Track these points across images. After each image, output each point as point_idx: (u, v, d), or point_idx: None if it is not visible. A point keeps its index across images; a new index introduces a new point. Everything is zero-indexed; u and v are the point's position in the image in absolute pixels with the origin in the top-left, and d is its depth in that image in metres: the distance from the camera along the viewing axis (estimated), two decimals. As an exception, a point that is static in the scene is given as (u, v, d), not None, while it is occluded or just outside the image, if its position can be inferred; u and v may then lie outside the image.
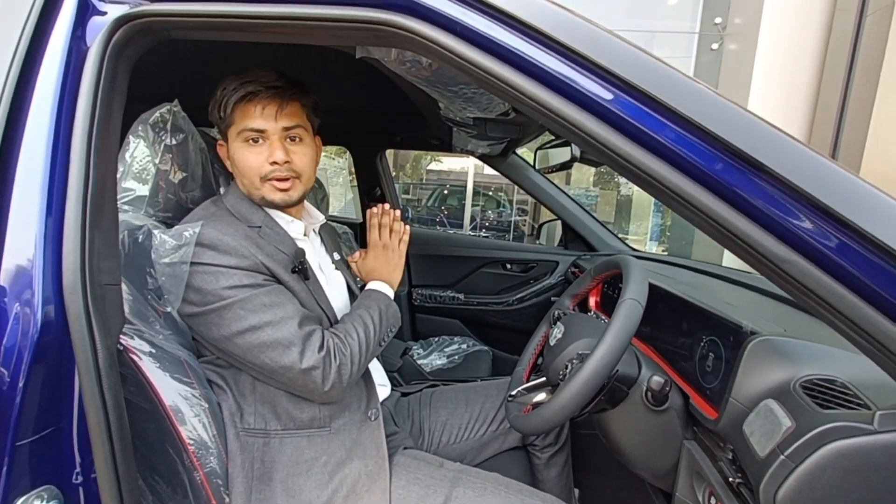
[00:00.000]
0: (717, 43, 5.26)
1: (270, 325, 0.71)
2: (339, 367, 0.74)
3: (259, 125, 0.77)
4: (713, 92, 0.50)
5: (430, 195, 9.16)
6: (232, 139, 0.80)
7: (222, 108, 0.78)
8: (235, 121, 0.78)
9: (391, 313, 0.89)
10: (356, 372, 0.77)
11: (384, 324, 0.86)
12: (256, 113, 0.77)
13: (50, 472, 0.53)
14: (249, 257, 0.73)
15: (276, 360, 0.71)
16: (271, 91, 0.77)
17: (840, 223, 0.44)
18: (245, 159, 0.78)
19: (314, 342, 0.73)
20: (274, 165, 0.78)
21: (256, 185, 0.80)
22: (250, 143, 0.79)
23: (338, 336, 0.78)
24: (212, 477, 0.73)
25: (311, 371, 0.72)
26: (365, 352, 0.79)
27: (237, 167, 0.81)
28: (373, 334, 0.82)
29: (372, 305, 0.86)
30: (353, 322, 0.82)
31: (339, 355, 0.75)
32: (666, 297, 1.00)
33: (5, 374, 0.51)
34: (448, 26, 0.53)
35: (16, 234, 0.53)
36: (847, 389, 0.56)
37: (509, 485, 0.81)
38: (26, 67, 0.57)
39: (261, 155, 0.78)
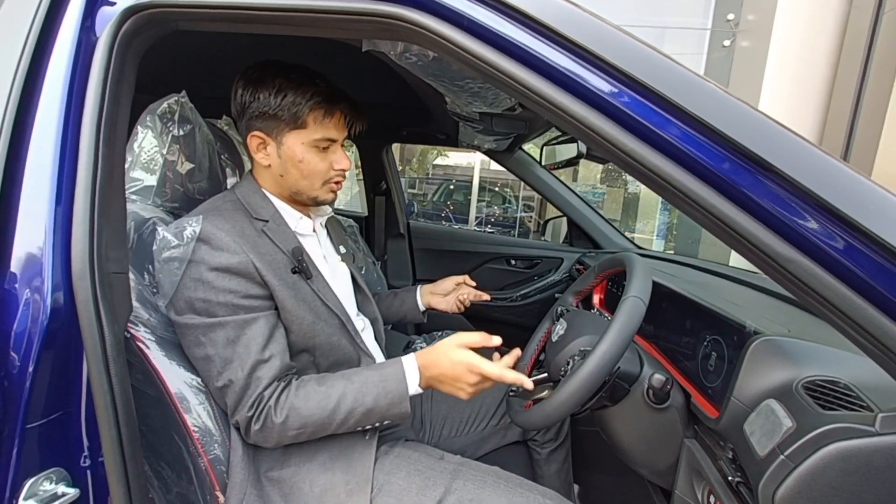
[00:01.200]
0: (729, 40, 5.19)
1: (222, 362, 0.71)
2: (259, 432, 0.72)
3: (335, 135, 0.82)
4: (722, 90, 0.50)
5: (436, 190, 9.15)
6: (296, 141, 0.80)
7: (292, 109, 0.77)
8: (309, 126, 0.79)
9: (392, 415, 0.74)
10: (291, 439, 0.73)
11: (370, 419, 0.74)
12: (336, 124, 0.81)
13: (58, 455, 0.54)
14: (241, 255, 0.73)
15: (218, 396, 0.73)
16: (346, 104, 0.82)
17: (847, 225, 0.44)
18: (314, 164, 0.82)
19: (251, 395, 0.71)
20: (339, 171, 0.84)
21: (316, 187, 0.84)
22: (320, 150, 0.82)
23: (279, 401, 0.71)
24: (216, 464, 0.74)
25: (238, 424, 0.73)
26: (310, 433, 0.73)
27: (299, 169, 0.81)
28: (337, 423, 0.72)
29: (370, 392, 0.73)
30: (327, 396, 0.72)
31: (262, 422, 0.71)
32: (670, 296, 1.00)
33: (15, 358, 0.52)
34: (455, 20, 0.53)
35: (26, 222, 0.54)
36: (849, 391, 0.56)
37: (509, 478, 0.81)
38: (36, 58, 0.57)
39: (326, 161, 0.83)
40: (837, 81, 4.29)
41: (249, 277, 0.74)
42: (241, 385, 0.71)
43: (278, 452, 0.79)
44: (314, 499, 0.76)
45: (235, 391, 0.71)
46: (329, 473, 0.78)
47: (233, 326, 0.72)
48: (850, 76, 4.09)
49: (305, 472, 0.78)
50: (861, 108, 3.95)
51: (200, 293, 0.71)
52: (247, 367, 0.71)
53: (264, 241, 0.79)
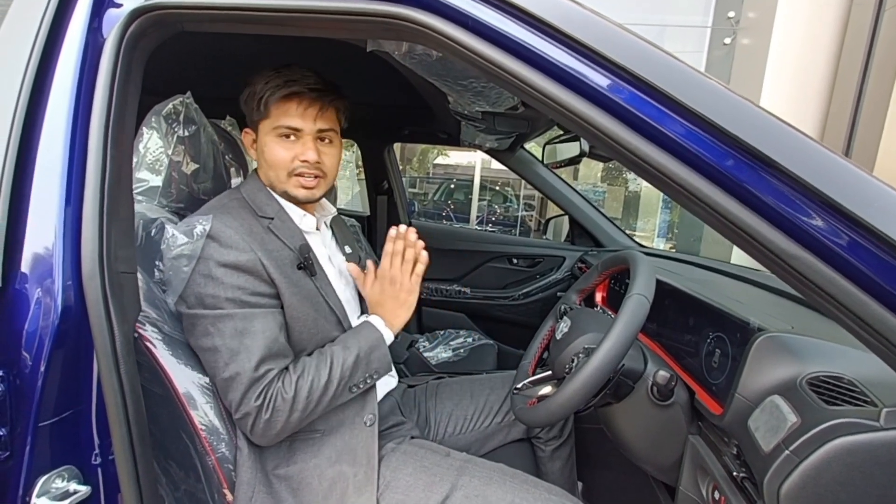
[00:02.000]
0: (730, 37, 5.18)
1: (229, 353, 0.71)
2: (267, 422, 0.72)
3: (297, 124, 0.80)
4: (723, 87, 0.50)
5: (437, 189, 9.15)
6: (264, 132, 0.81)
7: (260, 100, 0.79)
8: (272, 115, 0.80)
9: (375, 358, 0.80)
10: (297, 422, 0.74)
11: (359, 369, 0.78)
12: (296, 112, 0.79)
13: (70, 453, 0.55)
14: (248, 252, 0.74)
15: (222, 390, 0.73)
16: (314, 93, 0.79)
17: (850, 220, 0.44)
18: (275, 153, 0.81)
19: (259, 387, 0.71)
20: (304, 163, 0.81)
21: (282, 179, 0.82)
22: (283, 138, 0.81)
23: (285, 380, 0.73)
24: (223, 462, 0.74)
25: (245, 418, 0.72)
26: (319, 398, 0.74)
27: (265, 159, 0.82)
28: (336, 380, 0.76)
29: (352, 346, 0.79)
30: (319, 361, 0.77)
31: (273, 407, 0.71)
32: (673, 294, 1.00)
33: (27, 357, 0.52)
34: (459, 20, 0.54)
35: (36, 223, 0.55)
36: (854, 386, 0.56)
37: (514, 475, 0.82)
38: (45, 59, 0.58)
39: (291, 151, 0.81)
40: (838, 79, 4.28)
41: (257, 275, 0.74)
42: (248, 377, 0.71)
43: (284, 450, 0.80)
44: (323, 492, 0.77)
45: (243, 383, 0.71)
46: (337, 466, 0.79)
47: (241, 318, 0.73)
48: (851, 74, 4.08)
49: (313, 468, 0.79)
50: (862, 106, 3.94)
51: (210, 289, 0.72)
52: (254, 359, 0.71)
53: (271, 238, 0.80)
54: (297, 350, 0.80)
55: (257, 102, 0.79)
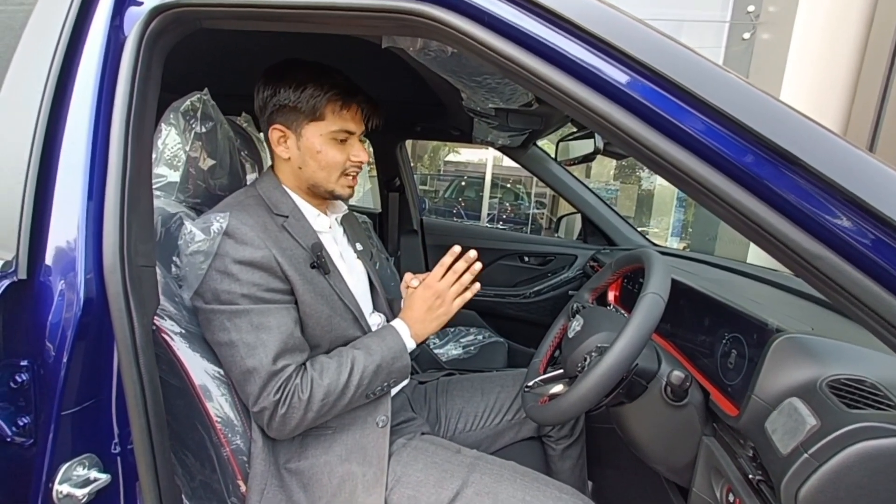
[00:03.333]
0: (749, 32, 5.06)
1: (245, 348, 0.72)
2: (283, 416, 0.72)
3: (352, 127, 0.83)
4: (744, 81, 0.49)
5: (448, 186, 9.14)
6: (314, 133, 0.82)
7: (311, 102, 0.80)
8: (327, 118, 0.81)
9: (396, 369, 0.81)
10: (312, 420, 0.75)
11: (379, 377, 0.79)
12: (352, 117, 0.83)
13: (90, 441, 0.56)
14: (263, 249, 0.75)
15: (239, 384, 0.74)
16: (365, 98, 0.84)
17: (876, 218, 0.43)
18: (332, 156, 0.83)
19: (277, 382, 0.72)
20: (356, 164, 0.85)
21: (332, 179, 0.85)
22: (338, 142, 0.83)
23: (303, 378, 0.74)
24: (238, 454, 0.76)
25: (261, 413, 0.73)
26: (335, 401, 0.75)
27: (316, 161, 0.83)
28: (354, 386, 0.76)
29: (375, 352, 0.80)
30: (340, 363, 0.77)
31: (289, 403, 0.72)
32: (688, 293, 0.99)
33: (51, 348, 0.54)
34: (476, 16, 0.53)
35: (60, 216, 0.56)
36: (877, 390, 0.54)
37: (525, 473, 0.82)
38: (68, 57, 0.59)
39: (344, 153, 0.84)
40: (863, 74, 4.15)
41: (271, 272, 0.75)
42: (266, 372, 0.72)
43: (296, 445, 0.81)
44: (333, 489, 0.78)
45: (261, 377, 0.72)
46: (346, 464, 0.79)
47: (257, 314, 0.74)
48: (876, 68, 3.95)
49: (323, 464, 0.79)
50: (887, 103, 3.82)
51: (226, 285, 0.73)
52: (271, 353, 0.72)
53: (285, 236, 0.80)
54: (312, 346, 0.81)
55: (311, 105, 0.80)
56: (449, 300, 0.85)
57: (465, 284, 0.86)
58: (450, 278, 0.85)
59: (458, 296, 0.86)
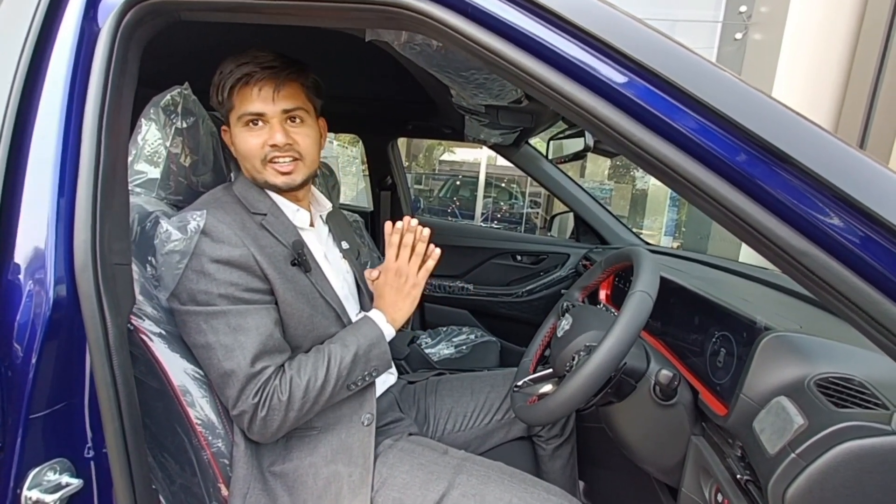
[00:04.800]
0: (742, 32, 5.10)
1: (223, 350, 0.70)
2: (264, 418, 0.71)
3: (257, 108, 0.76)
4: (736, 79, 0.48)
5: (442, 186, 9.14)
6: (233, 124, 0.79)
7: (221, 91, 0.77)
8: (235, 105, 0.77)
9: (374, 356, 0.79)
10: (294, 420, 0.73)
11: (357, 367, 0.77)
12: (254, 95, 0.75)
13: (62, 446, 0.54)
14: (241, 248, 0.72)
15: (218, 387, 0.72)
16: (267, 72, 0.75)
17: (864, 215, 0.42)
18: (245, 143, 0.78)
19: (256, 384, 0.70)
20: (274, 148, 0.77)
21: (258, 169, 0.80)
22: (250, 126, 0.77)
23: (282, 379, 0.72)
24: (219, 457, 0.74)
25: (241, 416, 0.71)
26: (315, 397, 0.73)
27: (239, 151, 0.81)
28: (334, 378, 0.74)
29: (350, 343, 0.78)
30: (317, 358, 0.75)
31: (269, 405, 0.70)
32: (677, 291, 0.98)
33: (19, 349, 0.52)
34: (458, 8, 0.52)
35: (29, 213, 0.54)
36: (864, 389, 0.54)
37: (513, 474, 0.81)
38: (38, 49, 0.57)
39: (260, 137, 0.77)
40: (853, 74, 4.19)
41: (250, 270, 0.73)
42: (244, 374, 0.70)
43: (280, 447, 0.80)
44: (318, 492, 0.77)
45: (239, 380, 0.70)
46: (332, 465, 0.78)
47: (234, 315, 0.71)
48: (866, 68, 3.99)
49: (308, 466, 0.78)
50: (877, 102, 3.86)
51: (202, 285, 0.71)
52: (249, 356, 0.71)
53: (264, 234, 0.78)
54: (294, 346, 0.79)
55: (219, 94, 0.77)
56: (413, 275, 0.84)
57: (421, 255, 0.84)
58: (404, 254, 0.83)
59: (421, 267, 0.84)
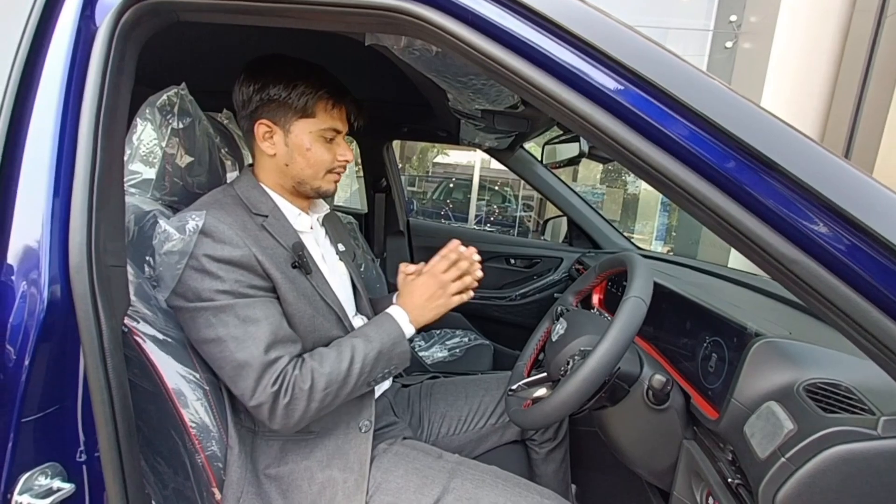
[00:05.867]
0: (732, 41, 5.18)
1: (234, 342, 0.70)
2: (287, 406, 0.70)
3: (339, 126, 0.84)
4: (727, 88, 0.49)
5: (436, 188, 9.14)
6: (303, 131, 0.81)
7: (303, 99, 0.79)
8: (318, 116, 0.81)
9: (396, 354, 0.80)
10: (316, 411, 0.72)
11: (379, 364, 0.78)
12: (340, 116, 0.84)
13: (54, 450, 0.54)
14: (243, 248, 0.73)
15: (232, 380, 0.71)
16: (347, 97, 0.84)
17: (852, 225, 0.44)
18: (321, 154, 0.83)
19: (272, 373, 0.70)
20: (342, 163, 0.86)
21: (319, 177, 0.85)
22: (326, 140, 0.83)
23: (303, 368, 0.72)
24: (213, 460, 0.73)
25: (259, 407, 0.70)
26: (337, 391, 0.73)
27: (305, 158, 0.82)
28: (356, 374, 0.75)
29: (374, 339, 0.79)
30: (340, 352, 0.76)
31: (291, 393, 0.70)
32: (670, 297, 1.00)
33: (11, 351, 0.51)
34: (459, 15, 0.53)
35: (23, 213, 0.54)
36: (851, 394, 0.55)
37: (507, 478, 0.81)
38: (35, 48, 0.56)
39: (332, 151, 0.84)
40: (839, 84, 4.29)
41: (252, 270, 0.74)
42: (259, 364, 0.70)
43: (276, 450, 0.79)
44: (312, 497, 0.76)
45: (255, 370, 0.69)
46: (328, 471, 0.78)
47: (242, 307, 0.72)
48: (851, 79, 4.09)
49: (303, 470, 0.78)
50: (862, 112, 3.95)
51: (206, 283, 0.71)
52: (262, 345, 0.70)
53: (265, 236, 0.78)
54: None
55: (302, 102, 0.79)
56: (449, 293, 0.85)
57: (466, 284, 0.86)
58: (453, 273, 0.85)
59: (458, 293, 0.86)
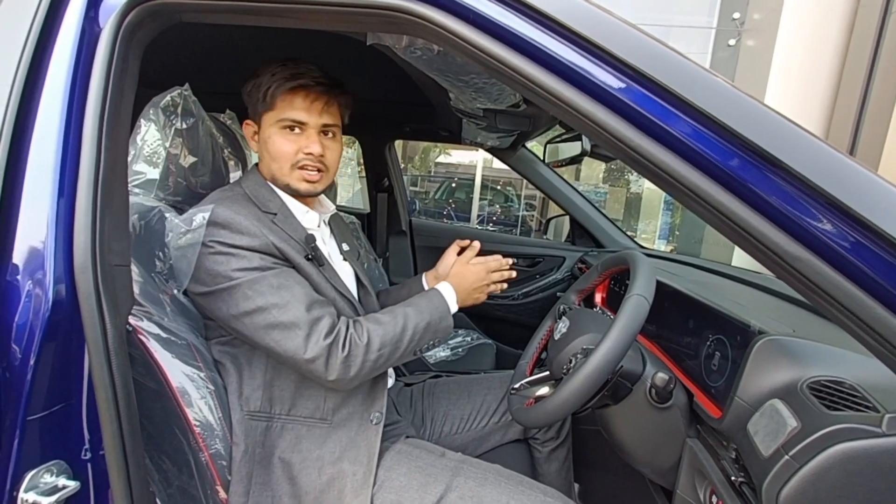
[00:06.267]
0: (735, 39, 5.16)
1: (277, 308, 0.71)
2: (346, 359, 0.72)
3: (302, 117, 0.80)
4: (730, 85, 0.49)
5: (438, 188, 9.14)
6: (268, 123, 0.81)
7: (266, 91, 0.79)
8: (277, 107, 0.80)
9: (442, 328, 0.83)
10: (370, 369, 0.74)
11: (427, 335, 0.81)
12: (302, 105, 0.80)
13: (59, 448, 0.54)
14: (261, 237, 0.74)
15: (281, 343, 0.71)
16: (321, 87, 0.80)
17: (856, 222, 0.43)
18: (279, 145, 0.81)
19: (321, 328, 0.72)
20: (308, 156, 0.81)
21: (285, 172, 0.83)
22: (287, 130, 0.81)
23: (357, 327, 0.75)
24: (217, 458, 0.74)
25: (315, 360, 0.71)
26: (389, 353, 0.76)
27: (268, 151, 0.82)
28: (407, 340, 0.78)
29: (425, 310, 0.82)
30: (394, 317, 0.79)
31: (349, 346, 0.72)
32: (673, 295, 1.00)
33: (17, 350, 0.52)
34: (460, 13, 0.53)
35: (28, 214, 0.54)
36: (855, 391, 0.55)
37: (510, 476, 0.81)
38: (39, 49, 0.57)
39: (295, 143, 0.81)
40: (843, 81, 4.26)
41: (272, 255, 0.75)
42: (305, 321, 0.71)
43: (291, 436, 0.80)
44: (321, 487, 0.77)
45: (302, 328, 0.71)
46: (339, 464, 0.79)
47: (273, 276, 0.73)
48: (856, 76, 4.06)
49: (315, 459, 0.79)
50: (867, 109, 3.92)
51: (234, 263, 0.72)
52: (303, 305, 0.72)
53: (277, 230, 0.80)
54: None
55: (262, 94, 0.79)
56: (487, 288, 0.93)
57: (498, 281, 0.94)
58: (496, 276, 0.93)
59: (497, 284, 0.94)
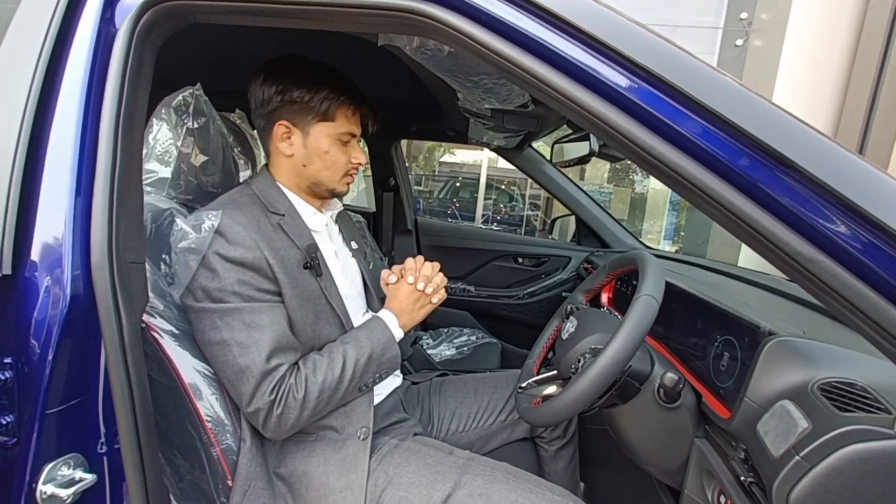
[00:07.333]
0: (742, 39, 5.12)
1: (239, 346, 0.71)
2: (279, 417, 0.72)
3: (356, 131, 0.87)
4: (740, 85, 0.49)
5: (443, 187, 9.15)
6: (324, 134, 0.83)
7: (322, 104, 0.81)
8: (336, 120, 0.83)
9: (387, 359, 0.83)
10: (308, 418, 0.75)
11: (370, 369, 0.81)
12: (353, 118, 0.86)
13: (76, 441, 0.55)
14: (255, 250, 0.74)
15: (232, 382, 0.73)
16: (365, 102, 0.87)
17: (869, 222, 0.43)
18: (338, 157, 0.86)
19: (271, 381, 0.72)
20: (357, 165, 0.89)
21: (335, 178, 0.87)
22: (343, 143, 0.86)
23: (297, 377, 0.74)
24: (228, 454, 0.75)
25: (255, 413, 0.72)
26: (329, 397, 0.76)
27: (322, 159, 0.85)
28: (347, 380, 0.77)
29: (365, 344, 0.81)
30: (332, 359, 0.78)
31: (284, 403, 0.72)
32: (681, 296, 0.99)
33: (35, 345, 0.53)
34: (473, 15, 0.53)
35: (47, 212, 0.55)
36: (867, 393, 0.55)
37: (518, 474, 0.81)
38: (57, 50, 0.58)
39: (347, 154, 0.87)
40: (852, 82, 4.22)
41: (262, 272, 0.75)
42: (259, 370, 0.71)
43: (277, 449, 0.81)
44: (310, 501, 0.78)
45: (254, 376, 0.71)
46: (323, 478, 0.78)
47: (249, 312, 0.73)
48: (865, 76, 4.02)
49: (301, 475, 0.79)
50: (876, 108, 3.88)
51: (216, 283, 0.72)
52: (264, 352, 0.71)
53: (279, 236, 0.80)
54: None
55: (324, 107, 0.82)
56: (427, 301, 0.91)
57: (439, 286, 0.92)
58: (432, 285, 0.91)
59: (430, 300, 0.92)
